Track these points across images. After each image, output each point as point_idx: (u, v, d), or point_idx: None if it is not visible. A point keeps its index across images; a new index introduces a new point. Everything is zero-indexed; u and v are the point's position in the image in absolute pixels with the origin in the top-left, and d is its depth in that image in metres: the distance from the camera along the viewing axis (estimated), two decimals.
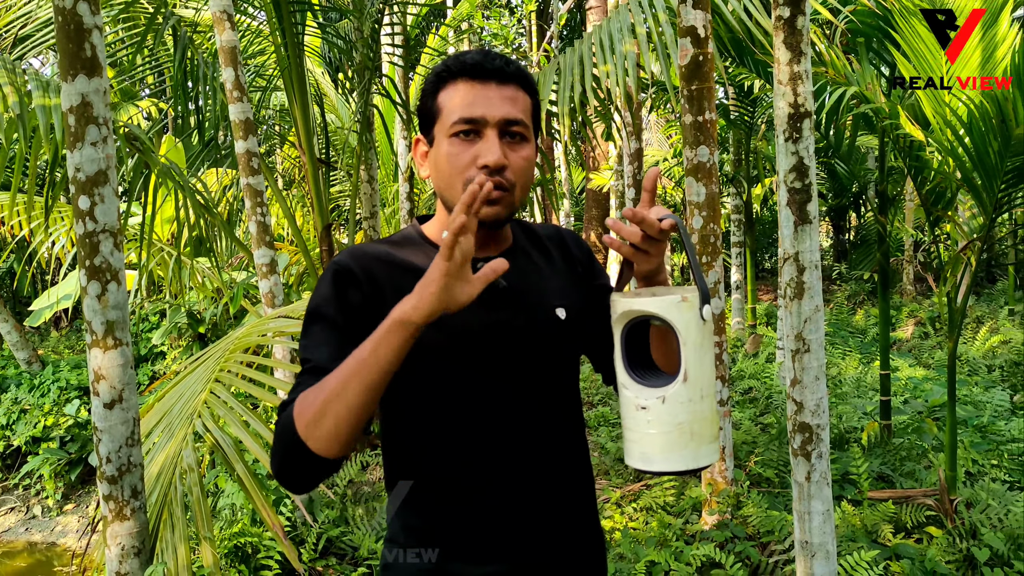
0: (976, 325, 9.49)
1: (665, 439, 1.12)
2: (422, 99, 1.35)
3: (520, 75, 1.33)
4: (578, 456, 1.42)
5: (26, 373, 8.21)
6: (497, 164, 1.25)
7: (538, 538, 1.33)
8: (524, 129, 1.30)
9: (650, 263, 1.24)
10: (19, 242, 9.02)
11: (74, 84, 2.30)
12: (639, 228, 1.19)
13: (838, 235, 15.64)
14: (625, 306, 1.15)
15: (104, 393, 2.38)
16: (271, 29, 5.28)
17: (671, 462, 1.13)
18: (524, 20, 12.75)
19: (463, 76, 1.29)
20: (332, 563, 4.10)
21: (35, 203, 5.86)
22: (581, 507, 1.41)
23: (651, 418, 1.13)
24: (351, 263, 1.30)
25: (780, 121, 2.41)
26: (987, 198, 3.60)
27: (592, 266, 1.51)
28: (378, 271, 1.30)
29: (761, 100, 8.18)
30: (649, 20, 4.15)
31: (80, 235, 2.36)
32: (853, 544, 3.53)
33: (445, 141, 1.29)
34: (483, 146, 1.27)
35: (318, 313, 1.28)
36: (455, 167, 1.28)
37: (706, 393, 1.13)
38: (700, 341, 1.12)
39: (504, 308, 1.32)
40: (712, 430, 1.15)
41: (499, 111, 1.28)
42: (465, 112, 1.27)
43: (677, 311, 1.11)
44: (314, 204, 5.20)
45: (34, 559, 6.75)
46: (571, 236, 1.53)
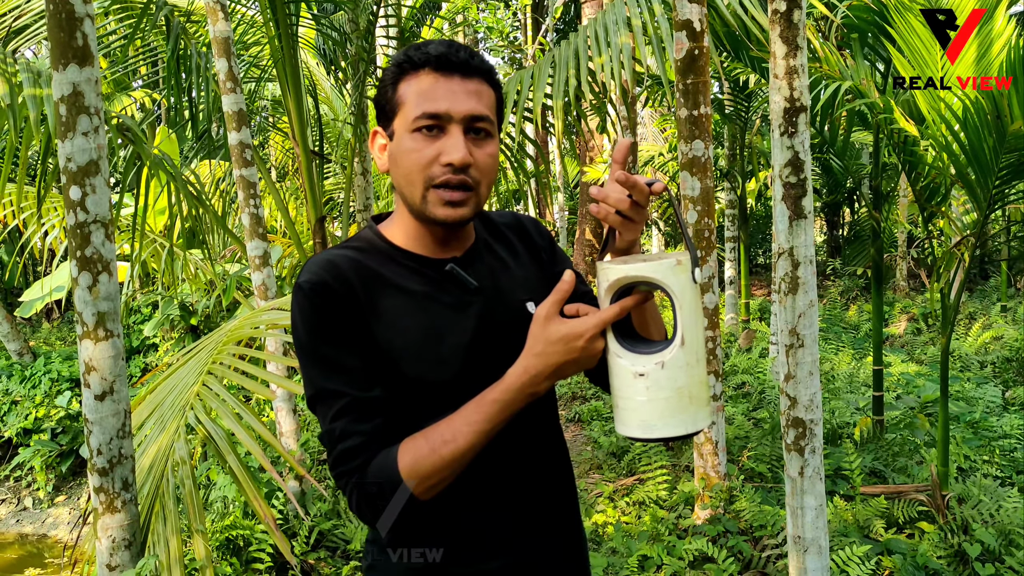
0: (969, 321, 9.51)
1: (665, 404, 1.12)
2: (380, 89, 1.29)
3: (485, 69, 1.27)
4: (559, 450, 1.43)
5: (17, 364, 8.18)
6: (463, 162, 1.21)
7: (532, 531, 1.35)
8: (489, 125, 1.25)
9: (634, 232, 1.22)
10: (10, 233, 8.98)
11: (65, 73, 2.28)
12: (626, 194, 1.18)
13: (832, 231, 15.67)
14: (618, 272, 1.13)
15: (95, 385, 2.36)
16: (264, 20, 5.25)
17: (672, 427, 1.12)
18: (519, 13, 12.72)
19: (426, 67, 1.23)
20: (324, 556, 4.10)
21: (27, 193, 5.83)
22: (566, 499, 1.43)
23: (650, 384, 1.12)
24: (325, 277, 1.24)
25: (776, 115, 2.41)
26: (981, 194, 3.60)
27: (554, 252, 1.49)
28: (354, 281, 1.25)
29: (756, 95, 8.18)
30: (644, 13, 4.13)
31: (71, 225, 2.34)
32: (845, 539, 3.54)
33: (407, 136, 1.24)
34: (447, 143, 1.22)
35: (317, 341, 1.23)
36: (417, 164, 1.23)
37: (700, 356, 1.13)
38: (694, 304, 1.12)
39: (476, 308, 1.31)
40: (706, 393, 1.16)
41: (464, 106, 1.23)
42: (428, 106, 1.21)
43: (673, 274, 1.10)
44: (308, 196, 5.17)
45: (25, 551, 6.74)
46: (531, 222, 1.50)
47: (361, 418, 1.21)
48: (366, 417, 1.21)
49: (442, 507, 1.29)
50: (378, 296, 1.25)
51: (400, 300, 1.26)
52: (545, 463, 1.39)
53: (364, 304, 1.24)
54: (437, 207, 1.24)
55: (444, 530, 1.31)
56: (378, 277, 1.27)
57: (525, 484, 1.34)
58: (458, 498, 1.29)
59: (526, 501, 1.34)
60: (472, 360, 1.27)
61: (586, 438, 5.83)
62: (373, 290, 1.25)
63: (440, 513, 1.29)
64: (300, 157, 5.18)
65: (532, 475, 1.35)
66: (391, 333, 1.24)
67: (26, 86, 3.58)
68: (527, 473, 1.35)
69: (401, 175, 1.26)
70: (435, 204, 1.24)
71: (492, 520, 1.32)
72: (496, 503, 1.32)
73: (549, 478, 1.39)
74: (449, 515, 1.30)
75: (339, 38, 6.01)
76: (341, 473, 1.21)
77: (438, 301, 1.29)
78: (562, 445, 1.44)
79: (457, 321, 1.28)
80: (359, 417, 1.21)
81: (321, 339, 1.23)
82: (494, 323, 1.31)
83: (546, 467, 1.39)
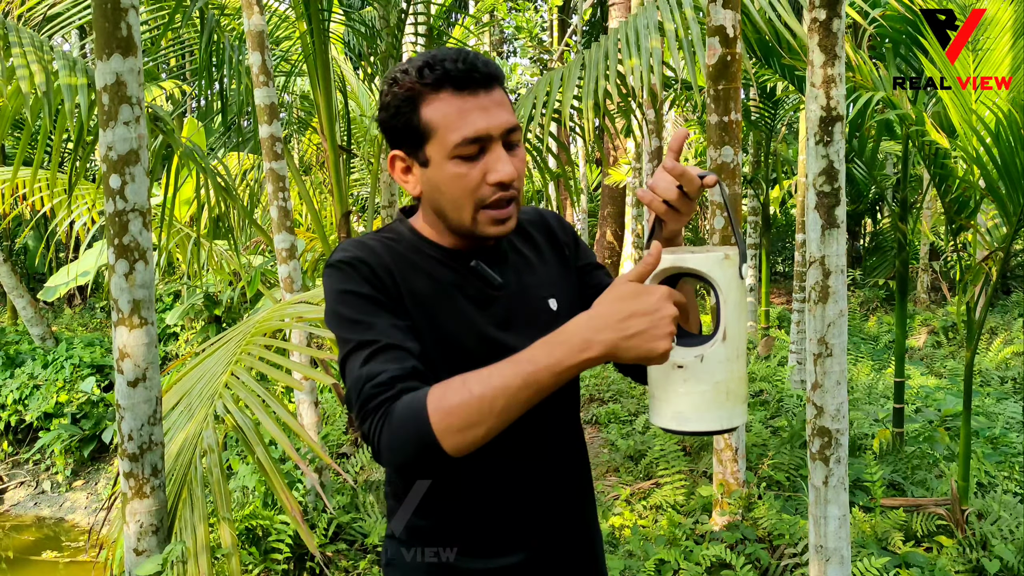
0: (990, 336, 9.44)
1: (701, 398, 1.11)
2: (397, 113, 1.24)
3: (499, 74, 1.25)
4: (579, 446, 1.44)
5: (40, 349, 8.26)
6: (511, 179, 1.21)
7: (549, 528, 1.36)
8: (519, 132, 1.25)
9: (679, 222, 1.23)
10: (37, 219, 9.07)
11: (109, 63, 2.31)
12: (675, 185, 1.18)
13: (853, 241, 15.58)
14: (665, 263, 1.13)
15: (128, 371, 2.39)
16: (297, 15, 5.28)
17: (706, 421, 1.11)
18: (546, 14, 12.73)
19: (446, 87, 1.20)
20: (342, 548, 4.12)
21: (57, 180, 5.89)
22: (583, 498, 1.44)
23: (688, 376, 1.11)
24: (359, 253, 1.24)
25: (812, 124, 2.41)
26: (1011, 208, 3.58)
27: (578, 247, 1.49)
28: (387, 260, 1.25)
29: (783, 102, 8.15)
30: (676, 17, 4.14)
31: (110, 214, 2.37)
32: (864, 551, 3.53)
33: (448, 164, 1.21)
34: (491, 162, 1.21)
35: (353, 295, 1.21)
36: (466, 189, 1.21)
37: (741, 352, 1.12)
38: (739, 300, 1.12)
39: (500, 306, 1.32)
40: (744, 390, 1.14)
41: (498, 121, 1.21)
42: (468, 131, 1.19)
43: (720, 268, 1.10)
44: (334, 191, 5.21)
45: (42, 534, 6.81)
46: (554, 217, 1.49)
47: (393, 360, 1.16)
48: (398, 359, 1.16)
49: (460, 501, 1.30)
50: (409, 277, 1.26)
51: (429, 285, 1.28)
52: (564, 460, 1.39)
53: (399, 281, 1.24)
54: (488, 226, 1.24)
55: (461, 524, 1.31)
56: (409, 262, 1.28)
57: (543, 480, 1.35)
58: (477, 491, 1.30)
59: (544, 498, 1.35)
60: (493, 354, 1.27)
61: (603, 440, 5.83)
62: (404, 271, 1.26)
63: (458, 507, 1.31)
64: (328, 152, 5.22)
65: (550, 472, 1.36)
66: (419, 313, 1.25)
67: (61, 73, 3.62)
68: (546, 469, 1.35)
69: (446, 201, 1.24)
70: (486, 224, 1.24)
71: (510, 515, 1.32)
72: (514, 498, 1.33)
73: (567, 475, 1.40)
74: (467, 508, 1.31)
75: (368, 34, 6.04)
76: (367, 412, 1.13)
77: (462, 292, 1.30)
78: (581, 444, 1.45)
79: (479, 314, 1.30)
80: (393, 358, 1.16)
81: (358, 302, 1.21)
82: (516, 320, 1.32)
83: (564, 464, 1.39)
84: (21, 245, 11.40)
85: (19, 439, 7.78)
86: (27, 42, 3.64)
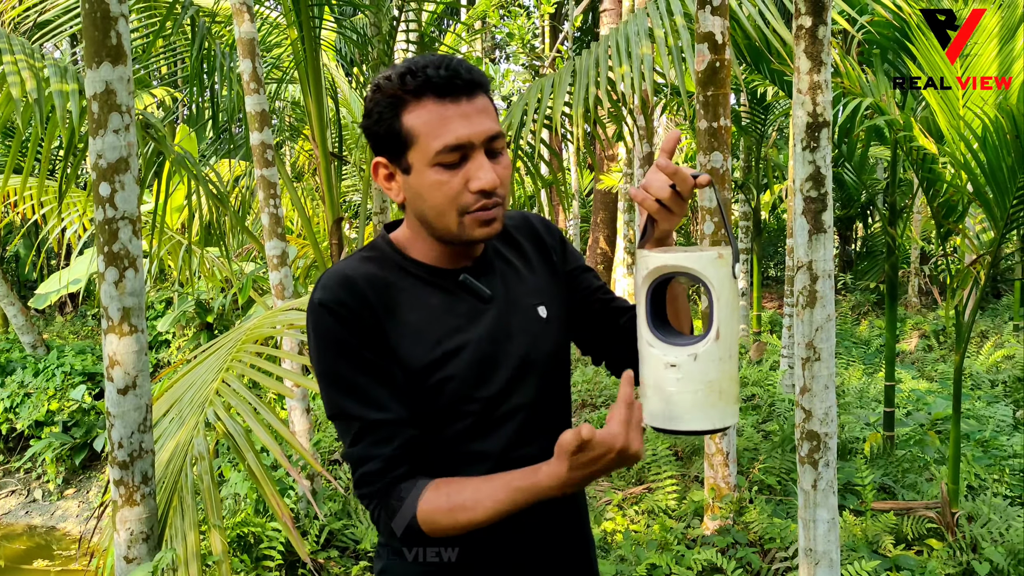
0: (980, 340, 9.48)
1: (694, 397, 1.11)
2: (380, 120, 1.24)
3: (482, 81, 1.24)
4: None
5: (31, 357, 8.23)
6: (493, 187, 1.21)
7: (546, 530, 1.37)
8: (502, 140, 1.24)
9: (671, 222, 1.23)
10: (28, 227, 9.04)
11: (99, 72, 2.31)
12: (668, 184, 1.18)
13: (844, 245, 15.62)
14: (658, 261, 1.13)
15: (118, 379, 2.39)
16: (288, 22, 5.29)
17: (699, 421, 1.11)
18: (537, 20, 12.76)
19: (428, 94, 1.20)
20: (334, 555, 4.12)
21: (48, 188, 5.88)
22: (576, 503, 1.46)
23: (680, 376, 1.11)
24: (342, 295, 1.23)
25: (798, 130, 2.42)
26: (999, 213, 3.61)
27: (565, 250, 1.48)
28: (370, 297, 1.25)
29: (773, 107, 8.18)
30: (666, 24, 4.16)
31: (99, 221, 2.37)
32: (854, 554, 3.55)
33: (429, 171, 1.21)
34: (472, 169, 1.21)
35: (335, 361, 1.24)
36: (447, 196, 1.22)
37: (733, 352, 1.13)
38: (732, 299, 1.12)
39: (490, 317, 1.32)
40: (736, 390, 1.14)
41: (480, 128, 1.21)
42: (449, 138, 1.19)
43: (713, 267, 1.10)
44: (325, 197, 5.21)
45: (33, 542, 6.78)
46: (540, 221, 1.49)
47: (380, 441, 1.23)
48: (385, 440, 1.23)
49: None
50: (395, 309, 1.26)
51: (416, 313, 1.27)
52: None
53: (382, 318, 1.24)
54: (474, 229, 1.24)
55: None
56: (395, 290, 1.27)
57: None
58: None
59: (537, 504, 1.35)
60: (488, 369, 1.29)
61: None
62: (390, 304, 1.26)
63: None
64: (319, 158, 5.22)
65: None
66: (409, 345, 1.25)
67: (52, 80, 3.62)
68: None
69: (428, 208, 1.24)
70: (472, 227, 1.24)
71: (503, 522, 1.33)
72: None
73: None
74: None
75: (360, 41, 6.05)
76: (363, 495, 1.26)
77: (453, 312, 1.30)
78: None
79: (472, 331, 1.29)
80: (378, 440, 1.23)
81: (339, 359, 1.24)
82: (508, 330, 1.32)
83: None
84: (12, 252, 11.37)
85: (10, 448, 7.76)
86: (18, 48, 3.64)
